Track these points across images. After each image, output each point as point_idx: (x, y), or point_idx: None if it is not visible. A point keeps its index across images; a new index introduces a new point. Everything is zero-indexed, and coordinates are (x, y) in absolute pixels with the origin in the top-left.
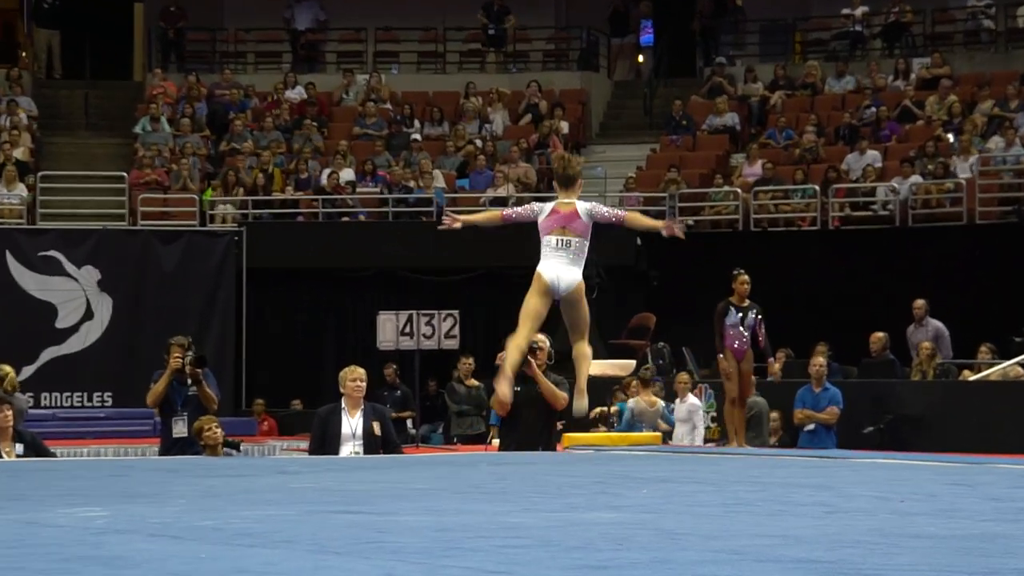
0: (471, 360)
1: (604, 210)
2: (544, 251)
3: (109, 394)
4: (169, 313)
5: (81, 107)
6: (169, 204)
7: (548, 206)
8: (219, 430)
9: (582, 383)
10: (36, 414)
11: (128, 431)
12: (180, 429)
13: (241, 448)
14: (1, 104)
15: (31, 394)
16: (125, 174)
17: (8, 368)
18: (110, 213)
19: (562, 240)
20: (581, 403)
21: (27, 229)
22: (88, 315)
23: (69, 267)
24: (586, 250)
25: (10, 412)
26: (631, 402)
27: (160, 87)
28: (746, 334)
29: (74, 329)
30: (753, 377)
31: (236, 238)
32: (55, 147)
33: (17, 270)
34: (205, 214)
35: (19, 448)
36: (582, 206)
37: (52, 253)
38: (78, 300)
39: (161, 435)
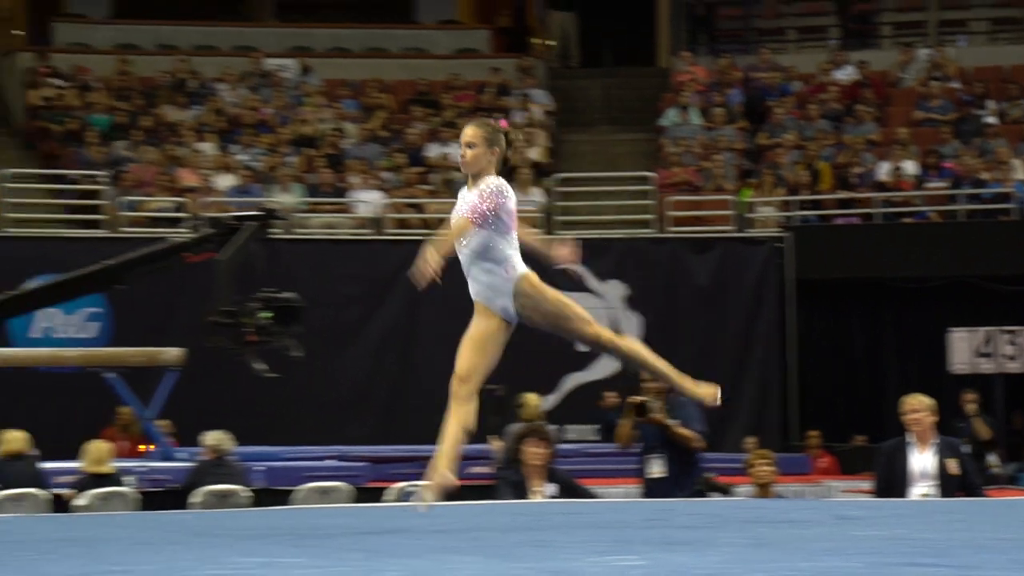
0: None
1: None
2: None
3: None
4: (704, 335)
5: (600, 99)
6: (701, 207)
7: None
8: (769, 467)
9: None
10: (562, 449)
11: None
12: (655, 469)
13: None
14: (513, 98)
15: (555, 427)
16: (651, 174)
17: (533, 397)
18: (634, 219)
19: None
20: None
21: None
22: None
23: (591, 281)
24: None
25: (546, 449)
26: None
27: (688, 73)
28: None
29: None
30: None
31: (778, 245)
32: (571, 145)
33: None
34: (742, 218)
35: (550, 489)
36: None
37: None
38: (601, 320)
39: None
